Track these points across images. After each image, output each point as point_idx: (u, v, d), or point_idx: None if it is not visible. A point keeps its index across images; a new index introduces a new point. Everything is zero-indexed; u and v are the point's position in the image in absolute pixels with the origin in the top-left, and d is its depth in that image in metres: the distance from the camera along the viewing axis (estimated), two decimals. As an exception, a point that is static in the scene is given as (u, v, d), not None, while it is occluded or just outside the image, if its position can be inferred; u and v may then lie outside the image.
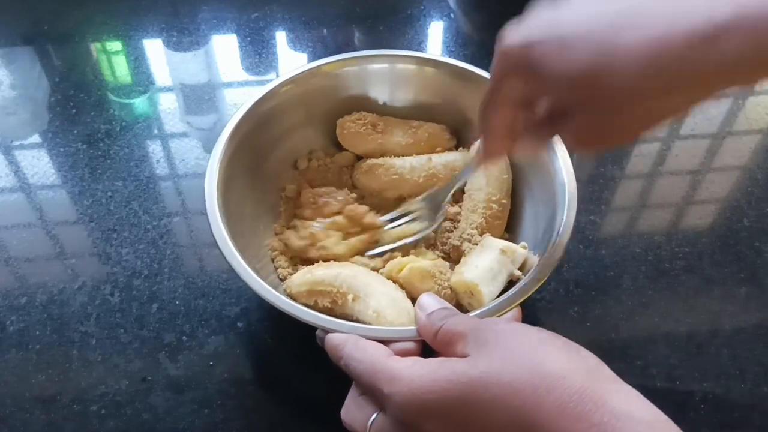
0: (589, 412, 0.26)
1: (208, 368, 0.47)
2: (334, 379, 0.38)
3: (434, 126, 0.55)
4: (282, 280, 0.48)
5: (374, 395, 0.33)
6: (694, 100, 0.29)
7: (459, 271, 0.45)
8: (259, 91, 0.51)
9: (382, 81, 0.55)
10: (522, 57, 0.31)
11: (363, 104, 0.56)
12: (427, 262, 0.47)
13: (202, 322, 0.50)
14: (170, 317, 0.50)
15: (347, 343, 0.35)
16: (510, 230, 0.51)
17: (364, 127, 0.53)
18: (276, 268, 0.49)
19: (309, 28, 0.77)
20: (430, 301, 0.36)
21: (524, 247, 0.46)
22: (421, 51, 0.74)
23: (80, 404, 0.45)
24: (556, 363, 0.28)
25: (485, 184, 0.50)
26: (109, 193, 0.59)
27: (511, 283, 0.45)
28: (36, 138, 0.64)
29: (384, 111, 0.56)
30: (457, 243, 0.49)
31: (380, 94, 0.56)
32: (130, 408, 0.45)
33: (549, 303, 0.51)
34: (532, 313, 0.50)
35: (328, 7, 0.79)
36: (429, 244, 0.51)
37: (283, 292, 0.45)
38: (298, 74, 0.52)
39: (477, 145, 0.44)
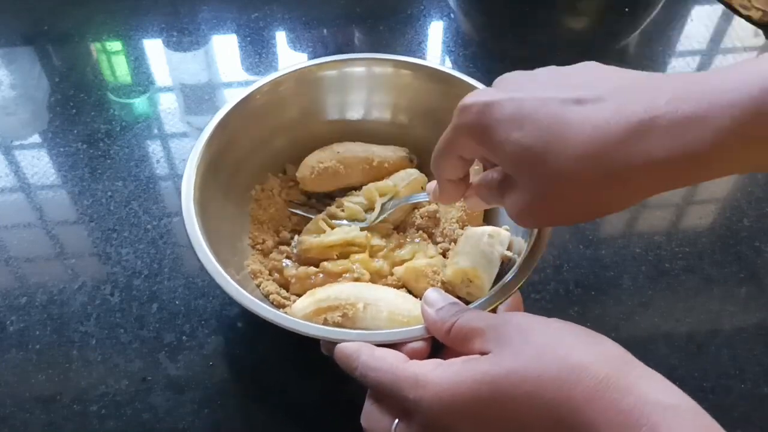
0: (615, 400, 0.26)
1: (208, 368, 0.47)
2: (334, 379, 0.38)
3: (393, 156, 0.53)
4: (266, 296, 0.47)
5: (397, 403, 0.32)
6: (632, 198, 0.30)
7: (453, 262, 0.45)
8: (237, 96, 0.50)
9: (359, 85, 0.55)
10: (477, 118, 0.32)
11: (341, 108, 0.55)
12: (422, 261, 0.47)
13: (202, 322, 0.50)
14: (170, 317, 0.50)
15: (361, 352, 0.34)
16: (488, 219, 0.51)
17: (324, 173, 0.52)
18: (258, 286, 0.48)
19: (309, 28, 0.77)
20: (437, 297, 0.36)
21: (507, 230, 0.47)
22: (421, 51, 0.75)
23: (80, 404, 0.45)
24: (580, 354, 0.28)
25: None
26: (109, 193, 0.59)
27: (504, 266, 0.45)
28: (36, 138, 0.64)
29: (359, 119, 0.56)
30: (442, 242, 0.50)
31: (357, 97, 0.55)
32: (130, 408, 0.45)
33: (549, 303, 0.51)
34: (532, 313, 0.50)
35: (328, 7, 0.79)
36: (430, 233, 0.51)
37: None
38: (276, 77, 0.51)
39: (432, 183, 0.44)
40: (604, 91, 0.29)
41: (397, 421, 0.32)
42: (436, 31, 0.77)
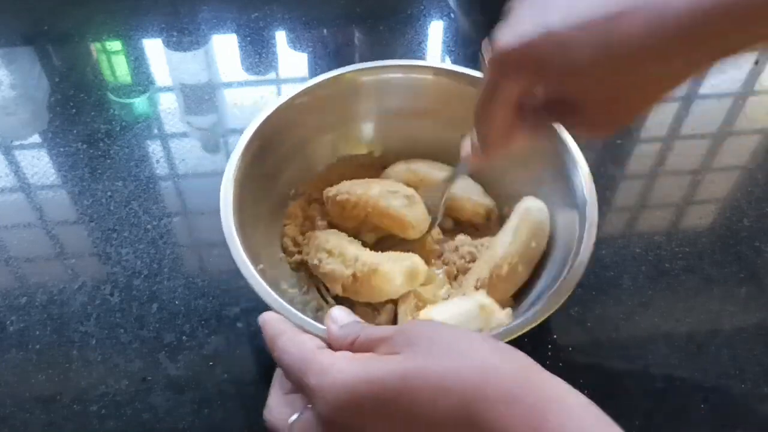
0: (525, 396, 0.26)
1: (208, 368, 0.47)
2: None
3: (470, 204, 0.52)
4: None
5: (302, 390, 0.31)
6: (694, 66, 0.31)
7: (427, 310, 0.43)
8: (274, 102, 0.49)
9: (397, 91, 0.53)
10: (522, 57, 0.32)
11: (377, 109, 0.55)
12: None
13: (202, 322, 0.50)
14: (170, 317, 0.50)
15: (283, 333, 0.33)
16: (519, 300, 0.47)
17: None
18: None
19: (309, 28, 0.77)
20: (341, 314, 0.34)
21: (508, 315, 0.42)
22: (421, 51, 0.75)
23: (80, 404, 0.45)
24: (491, 354, 0.28)
25: (509, 243, 0.46)
26: (109, 193, 0.59)
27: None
28: (36, 138, 0.64)
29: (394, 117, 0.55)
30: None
31: (394, 102, 0.54)
32: (130, 408, 0.45)
33: (549, 303, 0.51)
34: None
35: (328, 7, 0.79)
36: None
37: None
38: (315, 84, 0.50)
39: (466, 143, 0.43)
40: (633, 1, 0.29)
41: (299, 413, 0.31)
42: (436, 31, 0.77)
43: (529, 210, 0.47)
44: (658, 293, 0.52)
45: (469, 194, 0.52)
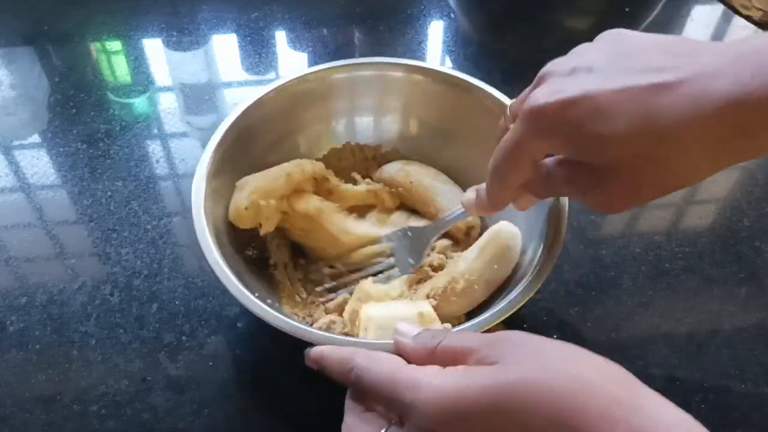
0: (627, 418, 0.26)
1: (208, 368, 0.47)
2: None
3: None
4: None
5: (391, 406, 0.31)
6: (729, 158, 0.30)
7: (369, 305, 0.43)
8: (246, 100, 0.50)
9: (370, 89, 0.54)
10: (557, 118, 0.31)
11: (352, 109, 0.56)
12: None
13: (202, 322, 0.50)
14: (170, 317, 0.50)
15: (358, 354, 0.33)
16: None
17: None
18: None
19: (309, 28, 0.77)
20: (408, 327, 0.34)
21: (446, 329, 0.41)
22: (421, 51, 0.75)
23: (80, 404, 0.45)
24: (589, 370, 0.28)
25: (471, 259, 0.46)
26: (109, 193, 0.59)
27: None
28: (36, 138, 0.64)
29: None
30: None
31: (369, 101, 0.55)
32: (130, 408, 0.45)
33: (549, 303, 0.51)
34: (533, 313, 0.50)
35: (328, 7, 0.79)
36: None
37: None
38: (286, 82, 0.51)
39: (471, 193, 0.42)
40: (683, 71, 0.28)
41: (386, 428, 0.30)
42: (436, 31, 0.77)
43: (500, 232, 0.46)
44: (658, 293, 0.52)
45: (453, 207, 0.52)
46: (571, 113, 0.30)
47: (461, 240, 0.52)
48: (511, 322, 0.39)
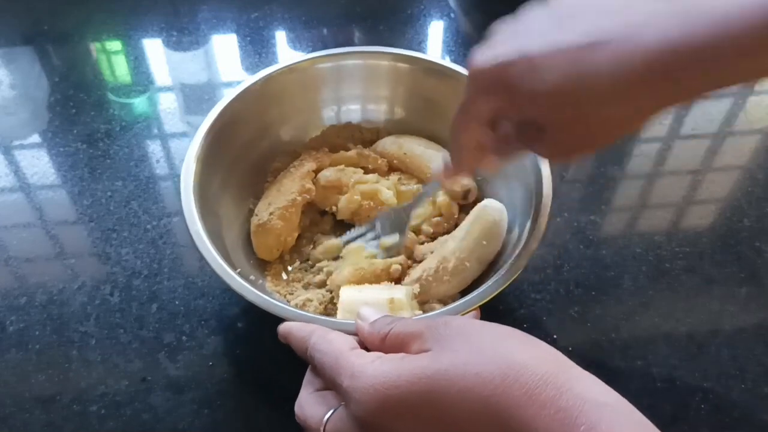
0: (554, 397, 0.26)
1: (208, 368, 0.47)
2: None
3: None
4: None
5: (335, 389, 0.32)
6: (660, 104, 0.30)
7: (345, 288, 0.45)
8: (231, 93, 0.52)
9: (355, 78, 0.56)
10: (494, 77, 0.33)
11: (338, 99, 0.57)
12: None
13: (202, 322, 0.50)
14: (170, 317, 0.50)
15: (314, 333, 0.34)
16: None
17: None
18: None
19: (309, 27, 0.77)
20: (370, 312, 0.35)
21: (414, 315, 0.42)
22: (421, 50, 0.74)
23: (80, 404, 0.45)
24: (519, 353, 0.28)
25: (460, 238, 0.47)
26: (109, 193, 0.59)
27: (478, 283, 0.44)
28: (36, 138, 0.64)
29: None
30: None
31: (354, 90, 0.57)
32: (130, 408, 0.45)
33: (549, 303, 0.51)
34: (533, 313, 0.50)
35: (328, 6, 0.79)
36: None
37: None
38: (273, 71, 0.53)
39: (441, 161, 0.43)
40: (615, 29, 0.29)
41: (332, 410, 0.31)
42: (436, 31, 0.77)
43: (485, 208, 0.47)
44: (658, 293, 0.52)
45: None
46: (508, 72, 0.32)
47: (462, 203, 0.54)
48: (512, 322, 0.39)
